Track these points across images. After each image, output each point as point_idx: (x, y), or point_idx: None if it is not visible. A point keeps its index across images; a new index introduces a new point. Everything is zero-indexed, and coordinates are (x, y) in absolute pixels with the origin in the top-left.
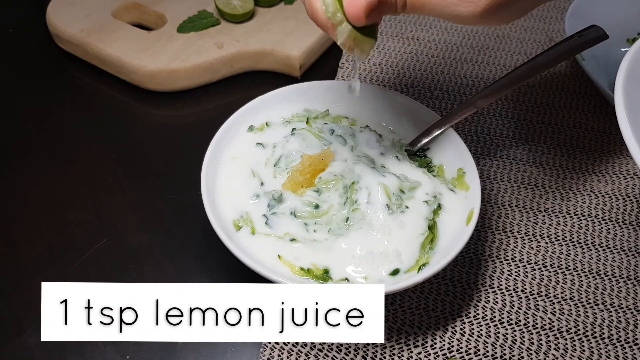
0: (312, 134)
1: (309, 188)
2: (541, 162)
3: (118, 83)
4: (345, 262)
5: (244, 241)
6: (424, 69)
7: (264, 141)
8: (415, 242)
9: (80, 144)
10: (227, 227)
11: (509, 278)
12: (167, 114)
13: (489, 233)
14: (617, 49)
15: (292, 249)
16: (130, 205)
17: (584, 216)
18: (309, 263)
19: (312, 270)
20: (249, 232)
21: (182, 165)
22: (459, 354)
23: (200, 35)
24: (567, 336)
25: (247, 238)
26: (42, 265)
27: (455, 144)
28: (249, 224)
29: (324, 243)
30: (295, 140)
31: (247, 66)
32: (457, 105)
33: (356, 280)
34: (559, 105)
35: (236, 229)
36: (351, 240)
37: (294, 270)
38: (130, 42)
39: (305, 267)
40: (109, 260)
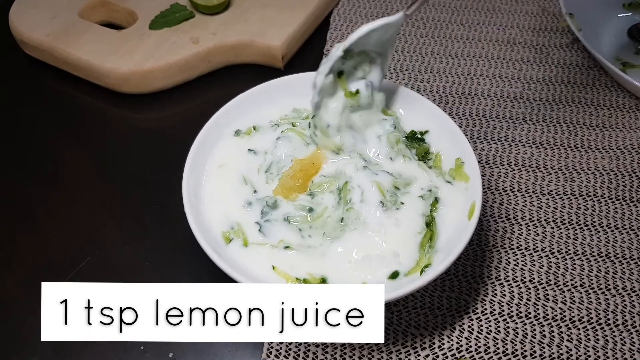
0: (298, 135)
1: (302, 193)
2: (541, 141)
3: (90, 88)
4: (342, 268)
5: (235, 254)
6: (412, 51)
7: (255, 147)
8: (412, 241)
9: (55, 155)
10: (216, 240)
11: (515, 268)
12: (144, 117)
13: (492, 222)
14: (614, 15)
15: (286, 257)
16: (113, 219)
17: (589, 196)
18: (305, 272)
19: (309, 280)
20: (240, 244)
21: (165, 172)
22: (469, 354)
23: (173, 31)
24: (580, 325)
25: (239, 250)
26: (24, 289)
27: (451, 131)
28: (241, 235)
29: (319, 249)
30: (283, 144)
31: (225, 60)
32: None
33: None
34: (555, 80)
35: (226, 241)
36: (347, 243)
37: (289, 281)
38: (100, 44)
39: (301, 277)
40: (94, 280)
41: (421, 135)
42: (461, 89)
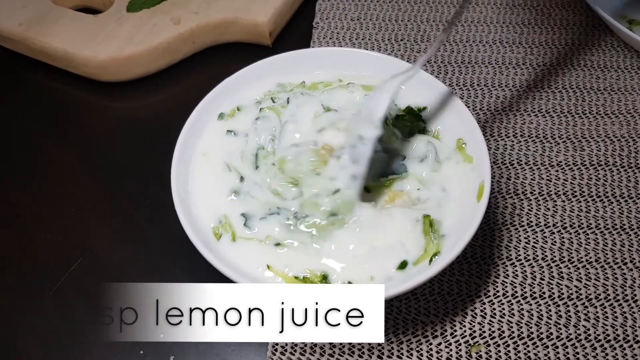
0: (276, 113)
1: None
2: (547, 109)
3: (69, 78)
4: (343, 261)
5: (227, 251)
6: (407, 19)
7: (235, 128)
8: (416, 228)
9: (36, 151)
10: (207, 237)
11: (527, 246)
12: (128, 106)
13: (500, 198)
14: None
15: (277, 254)
16: (103, 217)
17: (600, 166)
18: (304, 269)
19: (309, 278)
20: (229, 239)
21: (154, 163)
22: (483, 339)
23: (153, 12)
24: (597, 303)
25: (229, 246)
26: (14, 298)
27: (453, 107)
28: (229, 229)
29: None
30: (262, 124)
31: (210, 41)
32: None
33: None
34: (559, 43)
35: (216, 237)
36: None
37: (287, 280)
38: (76, 31)
39: (300, 276)
40: (87, 282)
41: (419, 112)
42: (460, 57)
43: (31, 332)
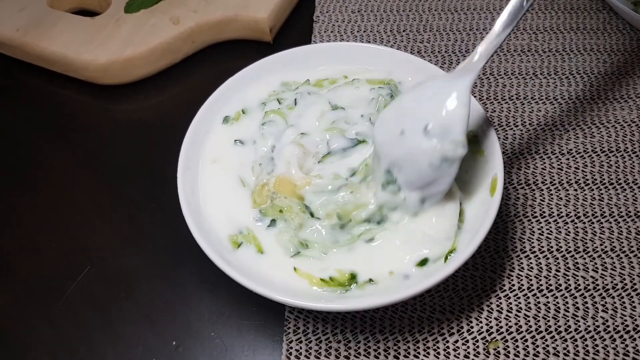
0: (282, 117)
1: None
2: (555, 96)
3: (69, 82)
4: (373, 259)
5: (247, 259)
6: (409, 9)
7: (242, 136)
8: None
9: (39, 158)
10: (222, 244)
11: (540, 238)
12: (129, 108)
13: (511, 189)
14: None
15: (309, 255)
16: (109, 223)
17: (612, 152)
18: (333, 269)
19: (336, 278)
20: (254, 251)
21: (159, 166)
22: (500, 335)
23: (151, 12)
24: (615, 294)
25: (253, 256)
26: (22, 311)
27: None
28: (252, 241)
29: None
30: (268, 130)
31: (210, 39)
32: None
33: (381, 278)
34: (564, 28)
35: (234, 245)
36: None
37: (312, 282)
38: (74, 34)
39: (326, 277)
40: (96, 290)
41: None
42: (464, 46)
43: (42, 345)
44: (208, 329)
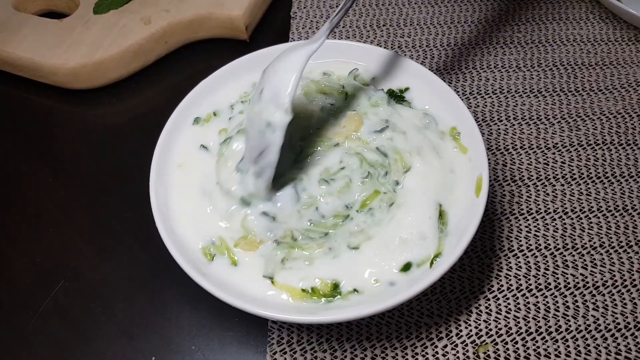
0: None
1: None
2: (539, 89)
3: (38, 88)
4: (357, 267)
5: (222, 272)
6: (388, 3)
7: (206, 141)
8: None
9: (7, 169)
10: (197, 257)
11: (528, 236)
12: (102, 112)
13: (497, 186)
14: None
15: (288, 265)
16: (83, 235)
17: (598, 145)
18: (314, 279)
19: (317, 288)
20: (227, 263)
21: (133, 173)
22: (489, 338)
23: (121, 13)
24: (605, 291)
25: (227, 270)
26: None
27: (443, 94)
28: (225, 252)
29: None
30: (240, 140)
31: (184, 39)
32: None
33: (367, 287)
34: (546, 19)
35: (208, 258)
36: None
37: (294, 295)
38: (41, 37)
39: (307, 288)
40: (71, 305)
41: (401, 93)
42: (446, 40)
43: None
44: (189, 342)
